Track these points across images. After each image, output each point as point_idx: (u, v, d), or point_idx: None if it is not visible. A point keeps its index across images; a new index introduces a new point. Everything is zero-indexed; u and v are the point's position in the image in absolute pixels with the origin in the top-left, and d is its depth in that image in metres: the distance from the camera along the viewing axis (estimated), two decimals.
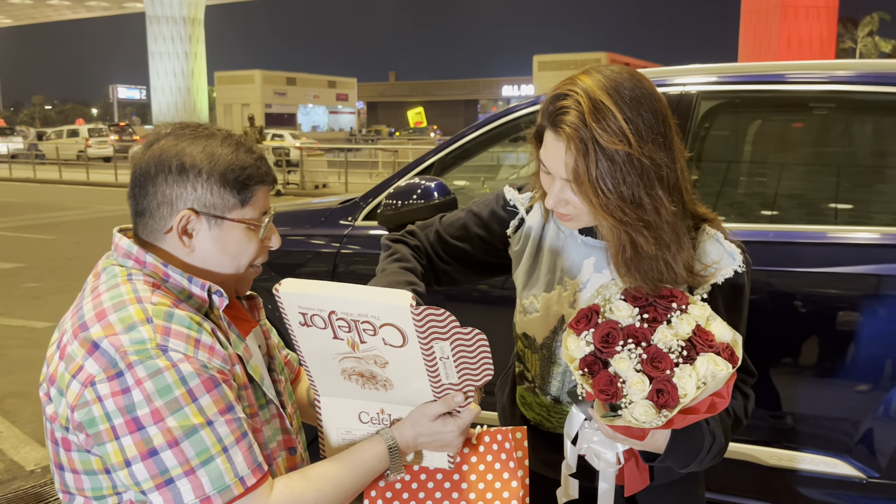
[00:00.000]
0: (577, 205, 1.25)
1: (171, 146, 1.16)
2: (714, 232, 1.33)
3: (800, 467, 2.23)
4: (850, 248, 2.18)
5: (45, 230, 11.59)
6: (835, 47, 25.64)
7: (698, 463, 1.26)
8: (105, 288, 1.12)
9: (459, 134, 3.00)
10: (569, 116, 1.17)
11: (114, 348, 1.04)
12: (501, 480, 1.29)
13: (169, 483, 1.02)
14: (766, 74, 2.48)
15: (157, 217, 1.16)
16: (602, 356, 1.13)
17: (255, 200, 1.19)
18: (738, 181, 2.79)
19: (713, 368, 1.08)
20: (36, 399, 4.34)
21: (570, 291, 1.38)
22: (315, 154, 19.05)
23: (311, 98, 60.50)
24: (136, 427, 1.02)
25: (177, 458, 1.02)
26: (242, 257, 1.20)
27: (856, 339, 2.15)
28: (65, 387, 1.06)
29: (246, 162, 1.17)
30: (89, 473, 1.09)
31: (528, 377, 1.49)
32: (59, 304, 6.78)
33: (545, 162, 1.26)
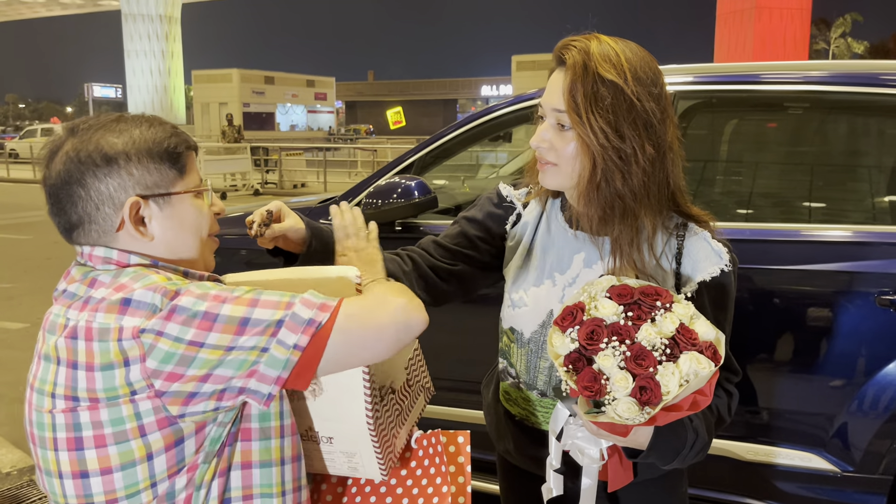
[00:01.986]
0: (560, 145, 1.29)
1: (84, 143, 1.09)
2: (700, 230, 1.36)
3: (776, 462, 2.26)
4: (824, 246, 2.22)
5: (20, 230, 11.43)
6: (808, 48, 25.99)
7: (681, 460, 1.28)
8: (110, 278, 1.07)
9: (439, 133, 3.00)
10: (574, 49, 1.26)
11: (147, 295, 1.01)
12: (434, 486, 1.28)
13: (280, 325, 1.02)
14: (743, 74, 2.52)
15: (99, 219, 1.09)
16: (587, 353, 1.14)
17: (190, 167, 1.15)
18: (715, 180, 2.83)
19: (696, 367, 1.10)
20: (10, 400, 4.30)
21: (559, 286, 1.40)
22: (294, 153, 18.96)
23: (289, 97, 60.16)
24: (211, 321, 1.00)
25: (269, 307, 1.02)
26: (202, 228, 1.17)
27: (829, 336, 2.18)
28: (118, 357, 1.00)
29: (166, 132, 1.13)
30: (126, 467, 1.03)
31: (511, 373, 1.49)
32: (34, 304, 6.69)
33: (544, 100, 1.31)
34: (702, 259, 1.34)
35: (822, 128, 2.78)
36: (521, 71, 45.74)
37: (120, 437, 1.02)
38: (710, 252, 1.34)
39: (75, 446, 1.04)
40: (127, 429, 1.02)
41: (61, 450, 1.05)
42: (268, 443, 1.12)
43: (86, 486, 1.05)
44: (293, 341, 1.01)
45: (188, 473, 1.06)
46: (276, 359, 1.01)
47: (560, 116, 1.29)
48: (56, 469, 1.07)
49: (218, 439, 1.07)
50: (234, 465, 1.09)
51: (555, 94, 1.29)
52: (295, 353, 1.02)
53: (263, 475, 1.11)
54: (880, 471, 2.14)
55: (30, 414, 1.10)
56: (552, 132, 1.30)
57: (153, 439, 1.03)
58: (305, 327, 1.02)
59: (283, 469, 1.13)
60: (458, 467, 1.31)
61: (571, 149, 1.28)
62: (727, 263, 1.34)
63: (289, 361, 1.02)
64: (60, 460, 1.06)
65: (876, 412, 2.14)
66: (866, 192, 2.61)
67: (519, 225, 1.49)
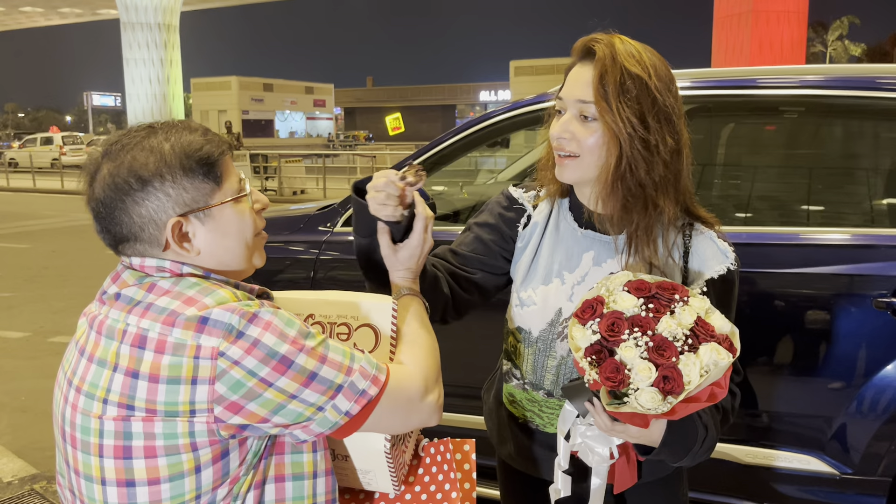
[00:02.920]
0: (583, 135, 1.31)
1: (118, 166, 1.08)
2: (706, 229, 1.40)
3: (775, 464, 2.27)
4: (822, 249, 2.23)
5: (19, 239, 11.43)
6: (805, 51, 26.05)
7: (692, 456, 1.30)
8: (170, 284, 1.08)
9: (437, 139, 3.01)
10: (601, 44, 1.30)
11: (224, 315, 1.02)
12: (443, 492, 1.30)
13: (339, 390, 1.06)
14: (739, 79, 2.53)
15: (145, 238, 1.10)
16: (608, 344, 1.15)
17: (227, 173, 1.13)
18: (712, 184, 2.84)
19: (716, 357, 1.12)
20: (11, 410, 4.31)
21: (567, 284, 1.41)
22: (293, 160, 18.99)
23: (288, 104, 60.26)
24: (285, 367, 1.03)
25: (334, 367, 1.06)
26: (247, 232, 1.16)
27: (827, 338, 2.19)
28: (188, 374, 1.01)
29: (197, 142, 1.10)
30: (175, 478, 1.04)
31: (516, 374, 1.50)
32: (34, 313, 6.69)
33: (565, 93, 1.34)
34: (709, 257, 1.37)
35: (819, 132, 2.80)
36: (519, 76, 45.75)
37: (171, 449, 1.03)
38: (717, 251, 1.38)
39: (123, 454, 1.04)
40: (179, 444, 1.03)
41: (107, 457, 1.05)
42: (300, 456, 1.14)
43: (130, 495, 1.05)
44: (346, 408, 1.07)
45: (230, 485, 1.08)
46: (328, 420, 1.07)
47: (585, 107, 1.31)
48: (99, 475, 1.06)
49: (258, 452, 1.10)
50: (268, 478, 1.12)
51: (580, 85, 1.31)
52: (344, 418, 1.07)
53: (296, 488, 1.13)
54: (879, 472, 2.15)
55: (72, 416, 1.08)
56: (575, 123, 1.32)
57: (203, 453, 1.04)
58: (358, 398, 1.07)
59: (315, 482, 1.15)
60: (464, 474, 1.33)
61: (595, 139, 1.31)
62: (733, 262, 1.38)
63: (336, 424, 1.08)
64: (105, 467, 1.05)
65: (874, 414, 2.14)
66: (863, 195, 2.62)
67: (529, 226, 1.50)
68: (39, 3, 46.74)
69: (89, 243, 10.71)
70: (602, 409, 1.20)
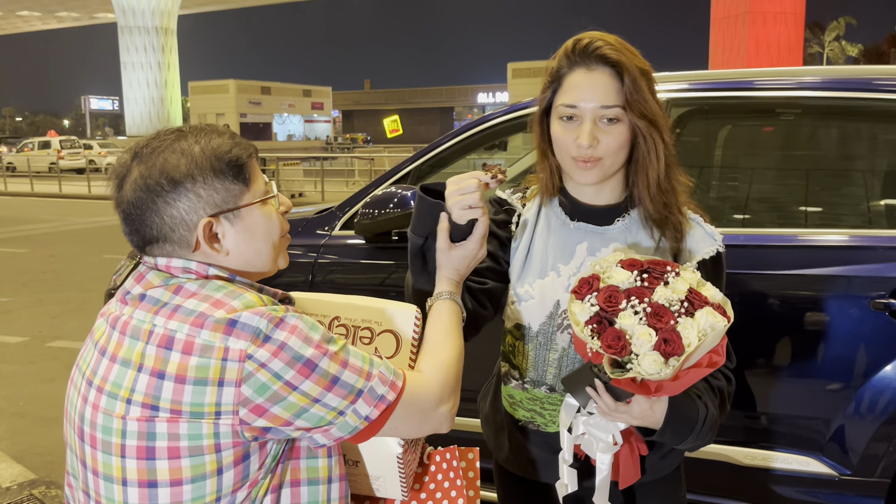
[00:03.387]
0: (607, 139, 1.34)
1: (149, 168, 1.10)
2: (693, 214, 1.46)
3: (774, 466, 2.27)
4: (820, 250, 2.23)
5: (17, 243, 11.42)
6: (802, 52, 26.08)
7: (695, 435, 1.33)
8: (197, 287, 1.09)
9: (436, 142, 3.02)
10: (608, 47, 1.34)
11: (253, 318, 1.04)
12: (449, 499, 1.32)
13: (359, 395, 1.08)
14: (735, 81, 2.53)
15: (174, 239, 1.11)
16: (607, 315, 1.18)
17: (254, 176, 1.17)
18: (710, 186, 2.84)
19: (712, 320, 1.15)
20: (10, 415, 4.30)
21: (563, 276, 1.44)
22: (291, 163, 18.99)
23: (286, 107, 60.28)
24: (310, 370, 1.04)
25: (355, 372, 1.08)
26: (274, 233, 1.18)
27: (825, 340, 2.19)
28: (215, 375, 1.02)
29: (226, 145, 1.13)
30: (197, 480, 1.05)
31: (515, 375, 1.50)
32: (32, 317, 6.69)
33: (578, 99, 1.35)
34: (698, 240, 1.43)
35: (816, 133, 2.80)
36: (516, 78, 45.81)
37: (195, 451, 1.04)
38: (705, 234, 1.44)
39: (146, 455, 1.04)
40: (203, 444, 1.04)
41: (129, 457, 1.05)
42: (315, 461, 1.16)
43: (152, 496, 1.05)
44: (366, 413, 1.09)
45: (249, 488, 1.09)
46: (348, 424, 1.09)
47: (607, 112, 1.34)
48: (120, 476, 1.06)
49: (276, 456, 1.12)
50: (284, 482, 1.13)
51: (599, 92, 1.34)
52: (364, 423, 1.09)
53: (311, 493, 1.15)
54: (878, 474, 2.15)
55: (92, 415, 1.08)
56: (597, 129, 1.35)
57: (225, 455, 1.05)
58: (378, 403, 1.09)
59: (330, 487, 1.17)
60: (468, 481, 1.35)
61: (619, 142, 1.36)
62: (721, 244, 1.44)
63: (356, 429, 1.10)
64: (127, 467, 1.05)
65: (873, 415, 2.15)
66: (860, 196, 2.62)
67: (520, 225, 1.52)
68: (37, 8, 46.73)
69: (87, 247, 10.71)
70: (605, 390, 1.22)
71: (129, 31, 33.65)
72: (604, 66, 1.34)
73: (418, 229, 1.37)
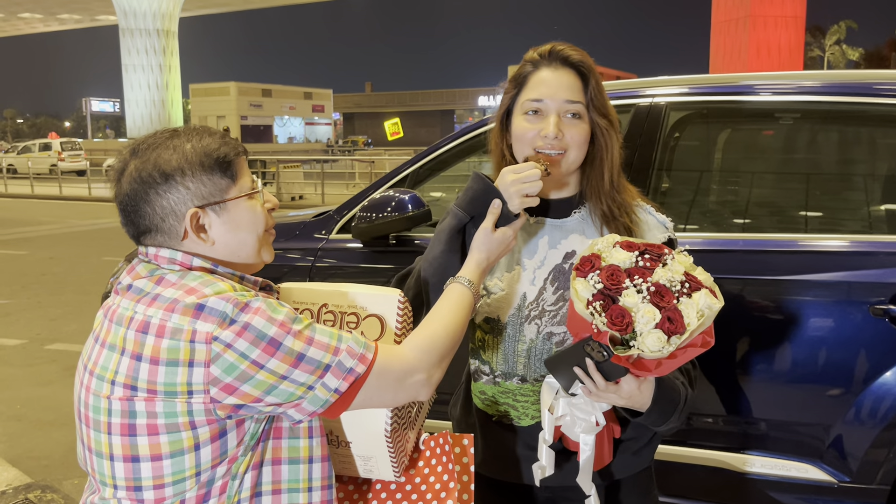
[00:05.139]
0: (571, 132, 1.42)
1: (143, 163, 1.19)
2: (644, 204, 1.53)
3: (772, 473, 2.25)
4: (820, 256, 2.22)
5: (17, 245, 11.42)
6: (803, 56, 26.09)
7: (677, 415, 1.38)
8: (177, 278, 1.17)
9: (434, 146, 3.01)
10: (572, 51, 1.44)
11: (220, 303, 1.11)
12: (442, 482, 1.36)
13: (327, 369, 1.13)
14: (735, 85, 2.52)
15: (165, 229, 1.20)
16: (611, 293, 1.22)
17: (241, 172, 1.24)
18: (708, 190, 2.83)
19: (709, 301, 1.20)
20: (7, 418, 4.30)
21: (528, 270, 1.50)
22: (291, 165, 18.99)
23: (286, 109, 60.32)
24: (274, 349, 1.10)
25: (321, 348, 1.14)
26: (258, 226, 1.26)
27: (824, 345, 2.18)
28: (185, 357, 1.09)
29: (215, 143, 1.22)
30: (175, 455, 1.12)
31: (485, 370, 1.53)
32: (31, 320, 6.68)
33: (544, 94, 1.43)
34: (652, 227, 1.50)
35: (816, 138, 2.79)
36: None
37: (172, 427, 1.11)
38: (657, 222, 1.51)
39: (128, 432, 1.12)
40: (179, 422, 1.11)
41: (115, 434, 1.13)
42: (296, 441, 1.21)
43: (135, 470, 1.13)
44: (335, 386, 1.14)
45: (228, 464, 1.15)
46: (318, 398, 1.14)
47: (571, 107, 1.42)
48: (108, 451, 1.15)
49: (255, 434, 1.17)
50: (265, 460, 1.19)
51: (564, 88, 1.43)
52: (334, 395, 1.15)
53: (291, 471, 1.21)
54: (877, 481, 2.13)
55: (85, 397, 1.17)
56: (562, 122, 1.43)
57: (201, 432, 1.12)
58: (346, 375, 1.15)
59: (311, 467, 1.22)
60: (462, 467, 1.38)
61: (582, 135, 1.43)
62: (672, 232, 1.51)
63: (327, 402, 1.15)
64: (113, 443, 1.14)
65: (872, 422, 2.13)
66: (861, 201, 2.61)
67: None
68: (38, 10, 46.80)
69: (87, 250, 10.71)
70: (595, 369, 1.25)
71: (131, 34, 33.69)
72: (568, 67, 1.44)
73: (468, 207, 1.44)
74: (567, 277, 1.45)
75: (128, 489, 1.14)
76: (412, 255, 2.87)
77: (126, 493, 1.15)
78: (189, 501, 1.14)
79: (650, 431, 1.49)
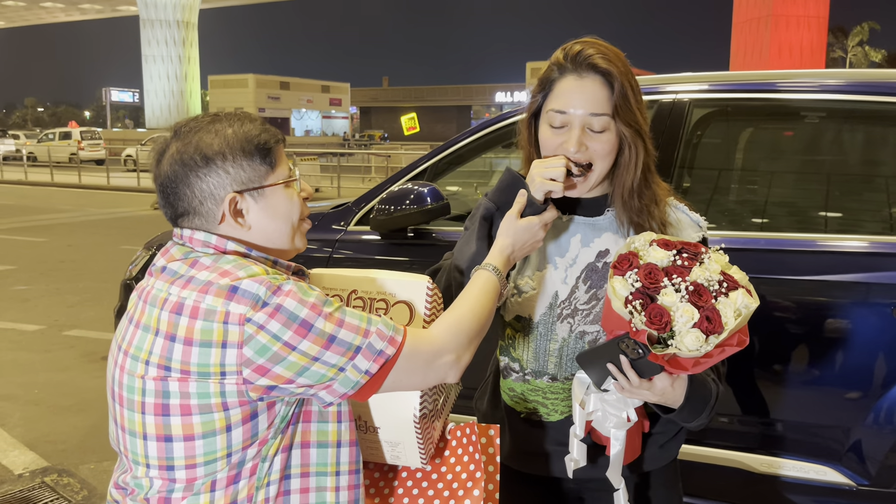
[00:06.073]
0: (596, 146, 1.38)
1: (185, 145, 1.20)
2: (678, 203, 1.51)
3: (790, 474, 2.24)
4: (841, 256, 2.20)
5: (37, 233, 11.54)
6: (825, 56, 25.83)
7: (707, 412, 1.38)
8: (211, 261, 1.18)
9: (453, 140, 3.00)
10: (599, 56, 1.37)
11: (253, 286, 1.12)
12: (468, 472, 1.36)
13: (357, 351, 1.14)
14: (758, 83, 2.50)
15: (203, 212, 1.21)
16: (650, 291, 1.22)
17: (279, 160, 1.26)
18: (730, 189, 2.81)
19: (746, 301, 1.20)
20: (24, 402, 4.34)
21: (560, 269, 1.48)
22: (308, 158, 19.04)
23: (304, 102, 60.51)
24: (306, 330, 1.11)
25: (352, 330, 1.14)
26: (293, 214, 1.27)
27: (844, 347, 2.16)
28: (218, 338, 1.10)
29: (255, 130, 1.23)
30: (208, 436, 1.13)
31: (515, 367, 1.52)
32: (49, 306, 6.75)
33: (567, 105, 1.39)
34: (686, 227, 1.48)
35: (839, 137, 2.76)
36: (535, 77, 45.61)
37: (205, 408, 1.13)
38: (691, 221, 1.49)
39: (162, 412, 1.14)
40: (211, 403, 1.12)
41: (148, 413, 1.15)
42: (325, 425, 1.23)
43: (168, 450, 1.15)
44: (365, 368, 1.15)
45: (259, 446, 1.16)
46: (349, 380, 1.15)
47: (595, 120, 1.38)
48: (141, 430, 1.16)
49: (285, 418, 1.19)
50: (295, 443, 1.20)
51: (589, 100, 1.38)
52: (364, 377, 1.16)
53: (320, 455, 1.22)
54: None
55: (120, 376, 1.18)
56: (586, 135, 1.39)
57: (233, 413, 1.13)
58: (377, 357, 1.16)
59: (339, 451, 1.24)
60: (488, 457, 1.39)
61: (608, 148, 1.39)
62: (706, 231, 1.50)
63: (357, 384, 1.16)
64: (146, 423, 1.15)
65: (892, 425, 2.11)
66: (883, 202, 2.58)
67: None
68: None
69: (105, 238, 10.80)
70: (629, 366, 1.24)
71: (151, 25, 33.88)
72: (595, 73, 1.37)
73: (495, 197, 1.47)
74: (600, 276, 1.45)
75: (160, 468, 1.16)
76: (429, 248, 2.88)
77: (158, 472, 1.16)
78: (220, 482, 1.15)
79: (677, 425, 1.49)
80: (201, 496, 1.15)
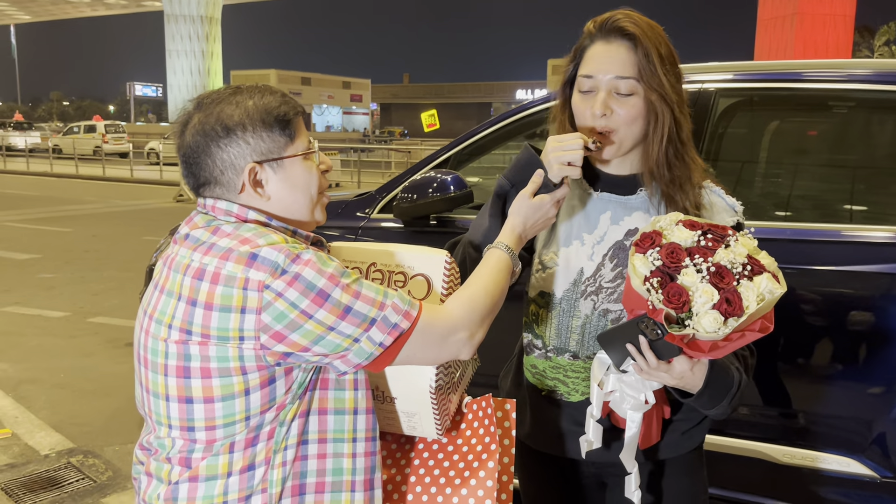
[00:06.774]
0: (622, 110, 1.38)
1: (207, 116, 1.23)
2: (714, 186, 1.49)
3: (813, 466, 2.22)
4: (866, 247, 2.18)
5: (62, 223, 11.70)
6: (851, 56, 25.46)
7: (728, 400, 1.35)
8: (232, 229, 1.20)
9: (476, 129, 3.01)
10: (629, 21, 1.38)
11: (272, 253, 1.14)
12: (483, 444, 1.37)
13: (373, 323, 1.16)
14: (785, 73, 2.48)
15: (223, 182, 1.23)
16: (669, 270, 1.21)
17: (299, 132, 1.27)
18: (755, 179, 2.79)
19: (771, 286, 1.18)
20: (50, 386, 4.42)
21: (587, 245, 1.48)
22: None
23: (325, 98, 60.69)
24: (323, 300, 1.13)
25: (367, 302, 1.16)
26: (312, 187, 1.29)
27: (869, 339, 2.14)
28: (238, 303, 1.13)
29: (275, 102, 1.25)
30: (227, 398, 1.16)
31: (538, 344, 1.52)
32: (74, 294, 6.85)
33: (595, 70, 1.40)
34: (720, 210, 1.46)
35: (866, 128, 2.73)
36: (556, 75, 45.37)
37: (224, 372, 1.15)
38: (726, 205, 1.47)
39: (183, 374, 1.17)
40: (230, 366, 1.15)
41: (170, 375, 1.18)
42: (342, 393, 1.25)
43: (189, 411, 1.18)
44: (380, 340, 1.17)
45: (276, 411, 1.19)
46: (363, 350, 1.17)
47: (621, 83, 1.38)
48: (164, 392, 1.19)
49: (303, 384, 1.21)
50: (312, 409, 1.23)
51: (615, 63, 1.38)
52: (378, 349, 1.18)
53: (337, 421, 1.24)
54: None
55: (145, 340, 1.22)
56: (612, 99, 1.39)
57: (251, 377, 1.16)
58: (391, 330, 1.18)
59: (356, 418, 1.26)
60: (504, 431, 1.40)
61: (634, 112, 1.39)
62: (741, 215, 1.47)
63: (371, 355, 1.18)
64: (168, 384, 1.19)
65: None
66: None
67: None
68: None
69: (129, 229, 10.92)
70: (648, 347, 1.23)
71: (175, 20, 34.13)
72: (622, 38, 1.38)
73: (510, 174, 1.47)
74: (627, 255, 1.43)
75: (181, 429, 1.19)
76: (452, 235, 2.87)
77: (180, 433, 1.19)
78: (238, 444, 1.18)
79: (701, 414, 1.47)
80: (220, 457, 1.18)
